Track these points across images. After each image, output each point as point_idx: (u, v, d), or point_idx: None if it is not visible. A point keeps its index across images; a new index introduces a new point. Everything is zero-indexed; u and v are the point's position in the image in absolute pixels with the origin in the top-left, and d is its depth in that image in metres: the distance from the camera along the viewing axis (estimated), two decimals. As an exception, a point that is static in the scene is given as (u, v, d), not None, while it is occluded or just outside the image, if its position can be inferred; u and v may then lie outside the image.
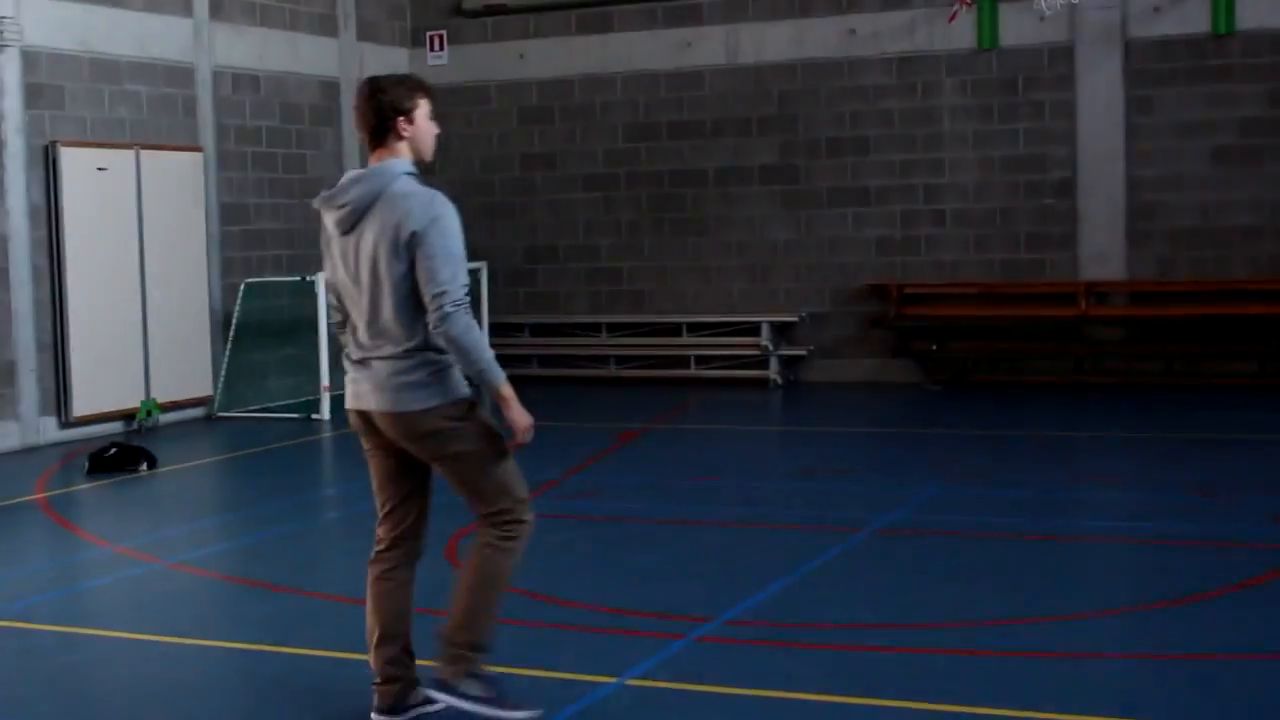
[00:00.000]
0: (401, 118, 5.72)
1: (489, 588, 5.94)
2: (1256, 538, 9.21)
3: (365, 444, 6.02)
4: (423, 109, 5.79)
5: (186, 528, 10.67)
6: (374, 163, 5.77)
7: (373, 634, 6.02)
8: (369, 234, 5.67)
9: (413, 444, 5.84)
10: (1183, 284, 16.69)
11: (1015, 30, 17.16)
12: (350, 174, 5.79)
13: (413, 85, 5.82)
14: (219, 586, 8.87)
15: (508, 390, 5.80)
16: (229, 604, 8.55)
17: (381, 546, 6.09)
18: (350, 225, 5.73)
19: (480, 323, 18.53)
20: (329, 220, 5.84)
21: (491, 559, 5.93)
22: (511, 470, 5.96)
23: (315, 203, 5.89)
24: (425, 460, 5.91)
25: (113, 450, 12.94)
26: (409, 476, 6.00)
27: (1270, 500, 10.40)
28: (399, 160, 5.74)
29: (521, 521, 5.95)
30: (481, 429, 5.87)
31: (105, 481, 12.46)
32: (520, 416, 5.82)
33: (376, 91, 5.73)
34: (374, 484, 6.09)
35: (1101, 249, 17.01)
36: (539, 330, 19.31)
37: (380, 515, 6.11)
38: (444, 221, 5.65)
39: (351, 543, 10.20)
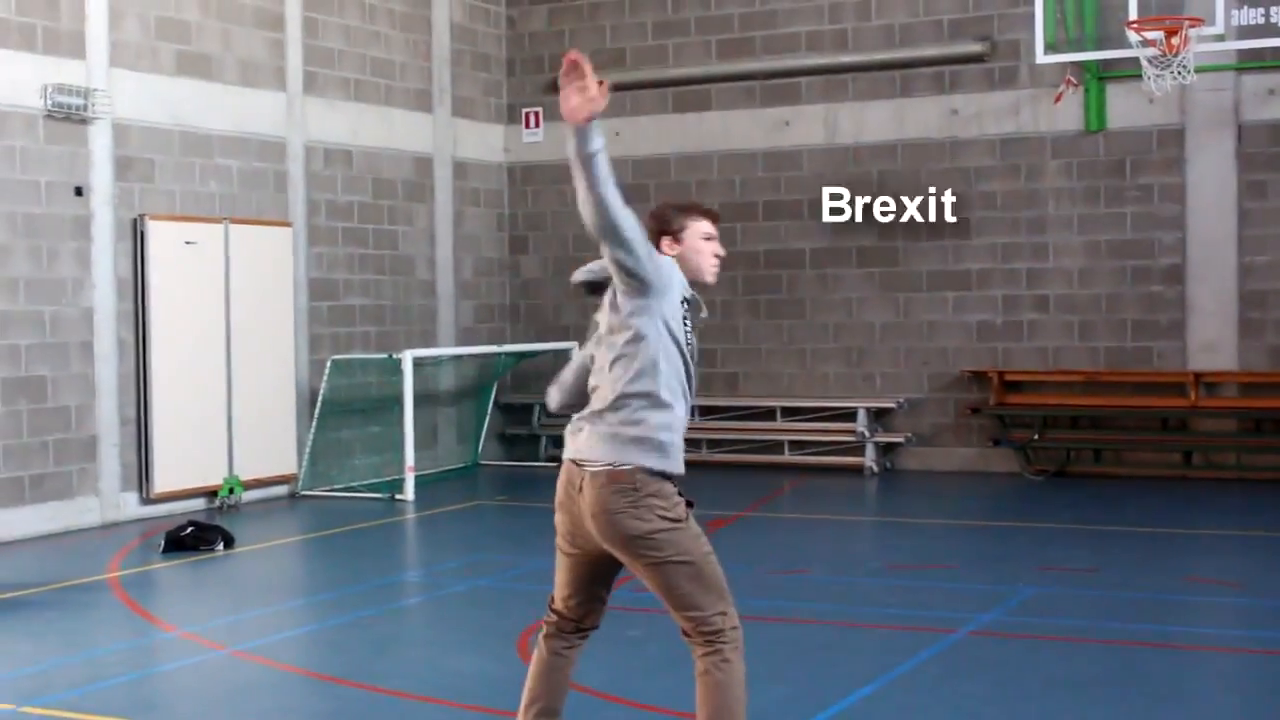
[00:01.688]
0: (668, 237, 5.74)
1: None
2: (1380, 650, 8.65)
3: None
4: (692, 229, 5.77)
5: (257, 612, 10.37)
6: None
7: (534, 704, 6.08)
8: None
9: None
10: (1297, 375, 16.09)
11: (1123, 112, 16.70)
12: None
13: (684, 207, 5.86)
14: (281, 677, 8.52)
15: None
16: (288, 697, 8.19)
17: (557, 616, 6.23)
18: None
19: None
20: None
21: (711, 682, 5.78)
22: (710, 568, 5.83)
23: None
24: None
25: (190, 529, 12.71)
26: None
27: (1394, 608, 9.82)
28: None
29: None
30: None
31: (180, 561, 12.22)
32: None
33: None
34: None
35: (1212, 338, 16.43)
36: (630, 412, 18.92)
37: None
38: None
39: (426, 632, 9.90)
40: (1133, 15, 14.70)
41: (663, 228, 5.76)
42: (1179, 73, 14.51)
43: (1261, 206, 16.24)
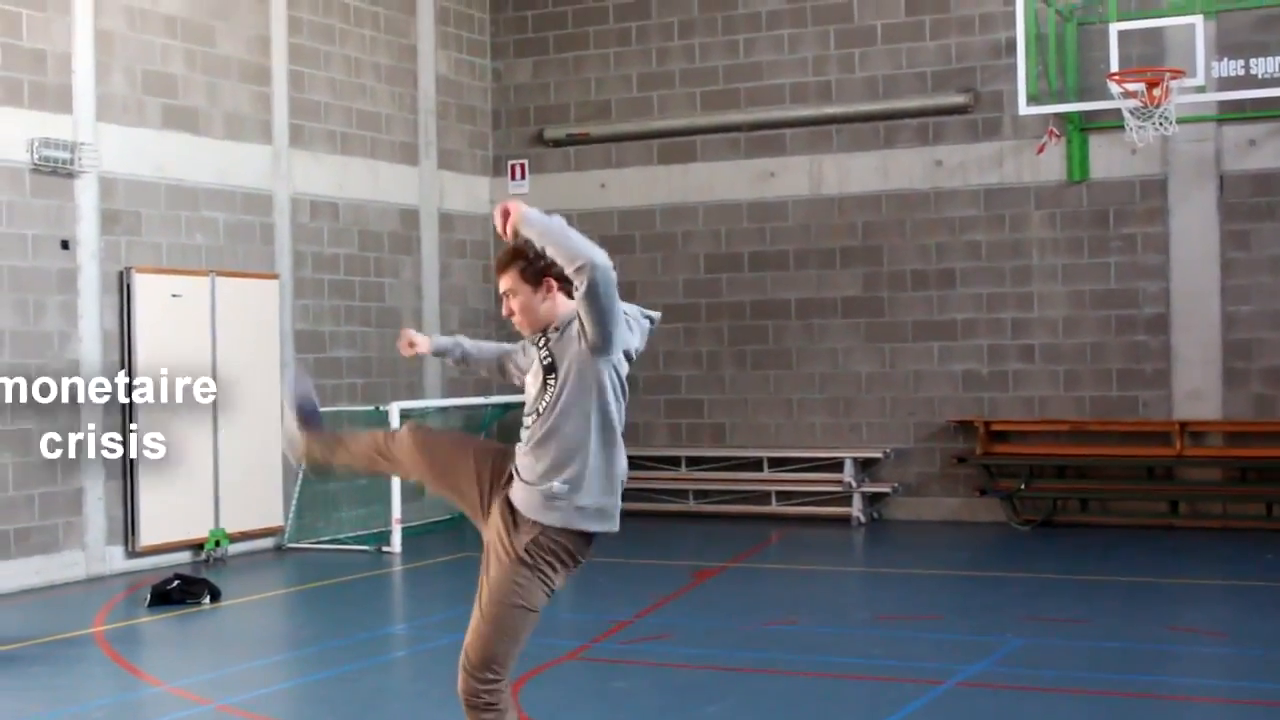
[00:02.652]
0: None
1: None
2: (1368, 699, 8.65)
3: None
4: None
5: (243, 666, 10.33)
6: None
7: None
8: None
9: None
10: (1282, 424, 16.13)
11: (1105, 163, 16.79)
12: None
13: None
14: (268, 732, 8.50)
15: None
16: (276, 752, 8.18)
17: None
18: None
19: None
20: None
21: None
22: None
23: None
24: None
25: (175, 582, 12.66)
26: None
27: (1380, 657, 9.82)
28: None
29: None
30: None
31: (166, 615, 12.17)
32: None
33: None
34: None
35: (1196, 387, 16.48)
36: (616, 463, 18.92)
37: None
38: None
39: (412, 686, 9.86)
40: (1114, 67, 14.82)
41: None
42: (1161, 124, 14.61)
43: (1244, 256, 16.32)
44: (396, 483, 15.66)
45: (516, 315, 5.89)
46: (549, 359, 5.76)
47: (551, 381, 5.73)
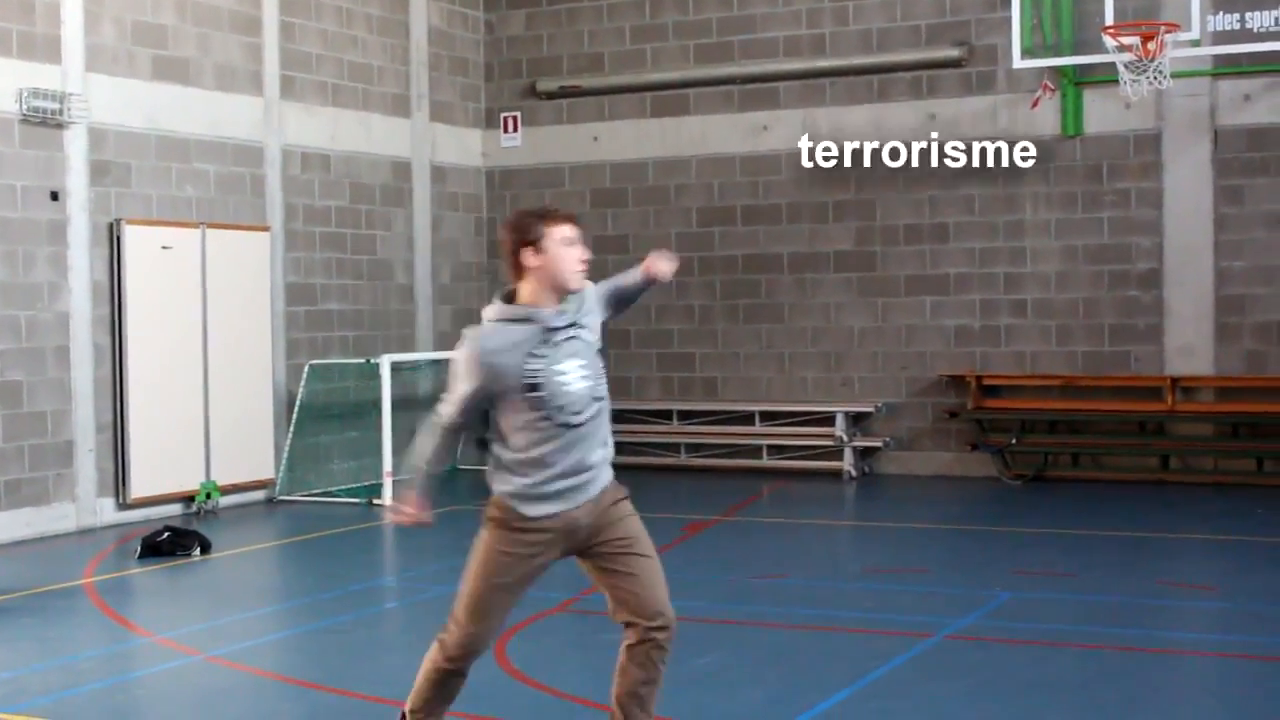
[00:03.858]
0: (528, 248, 5.78)
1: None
2: (1355, 653, 8.66)
3: None
4: (551, 237, 5.77)
5: (232, 617, 10.33)
6: None
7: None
8: None
9: None
10: (1273, 379, 16.11)
11: (1100, 117, 16.74)
12: None
13: (542, 214, 5.85)
14: (256, 683, 8.48)
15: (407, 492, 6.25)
16: (263, 703, 8.17)
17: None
18: None
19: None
20: None
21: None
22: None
23: None
24: None
25: (165, 534, 12.66)
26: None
27: (1368, 612, 9.84)
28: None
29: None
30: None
31: (157, 566, 12.17)
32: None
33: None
34: None
35: (1189, 342, 16.47)
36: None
37: None
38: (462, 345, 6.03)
39: (402, 637, 9.87)
40: (1109, 20, 14.74)
41: (522, 238, 5.76)
42: (1155, 78, 14.54)
43: (1237, 212, 16.29)
44: (388, 435, 15.66)
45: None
46: (593, 338, 5.98)
47: (602, 365, 5.98)
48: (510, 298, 5.87)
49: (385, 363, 15.85)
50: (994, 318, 17.23)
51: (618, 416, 18.80)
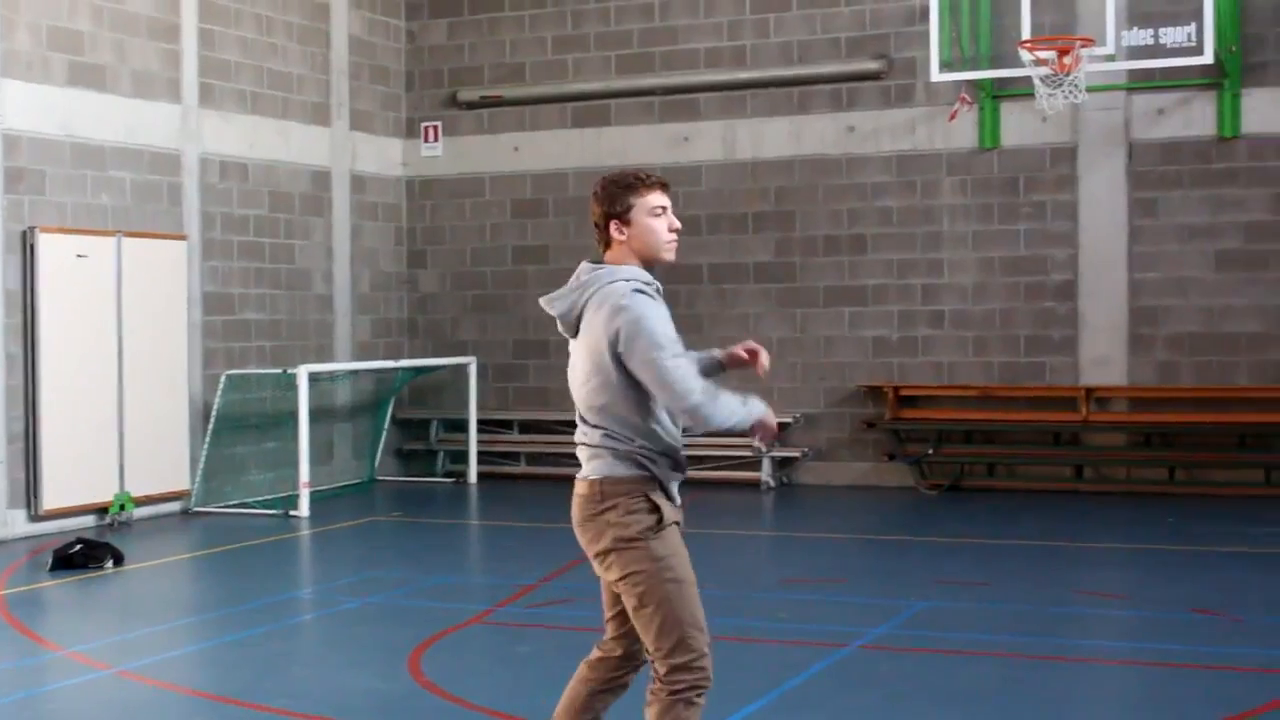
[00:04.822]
0: (615, 221, 5.41)
1: None
2: (1259, 661, 8.77)
3: None
4: (640, 207, 5.40)
5: (145, 631, 10.23)
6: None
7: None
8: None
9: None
10: (1185, 390, 16.31)
11: (1017, 130, 16.90)
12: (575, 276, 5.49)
13: (628, 183, 5.44)
14: (167, 697, 8.39)
15: (754, 411, 5.43)
16: (173, 717, 8.09)
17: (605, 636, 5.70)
18: (571, 332, 5.53)
19: (467, 418, 18.23)
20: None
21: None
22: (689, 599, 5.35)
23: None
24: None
25: (78, 546, 12.52)
26: None
27: (1273, 620, 9.98)
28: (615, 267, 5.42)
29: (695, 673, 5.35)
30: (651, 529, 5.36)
31: (68, 579, 12.04)
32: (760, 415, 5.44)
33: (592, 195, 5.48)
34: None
35: (1103, 353, 16.65)
36: (528, 427, 18.95)
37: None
38: (640, 313, 5.30)
39: (316, 650, 9.82)
40: (1025, 35, 14.88)
41: (609, 211, 5.39)
42: (1070, 92, 14.69)
43: (1151, 224, 16.48)
44: (304, 446, 15.57)
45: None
46: None
47: None
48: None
49: (302, 373, 15.75)
50: (911, 329, 17.35)
51: (537, 427, 18.89)
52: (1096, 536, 14.14)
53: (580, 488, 5.45)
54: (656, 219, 5.43)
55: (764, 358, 5.83)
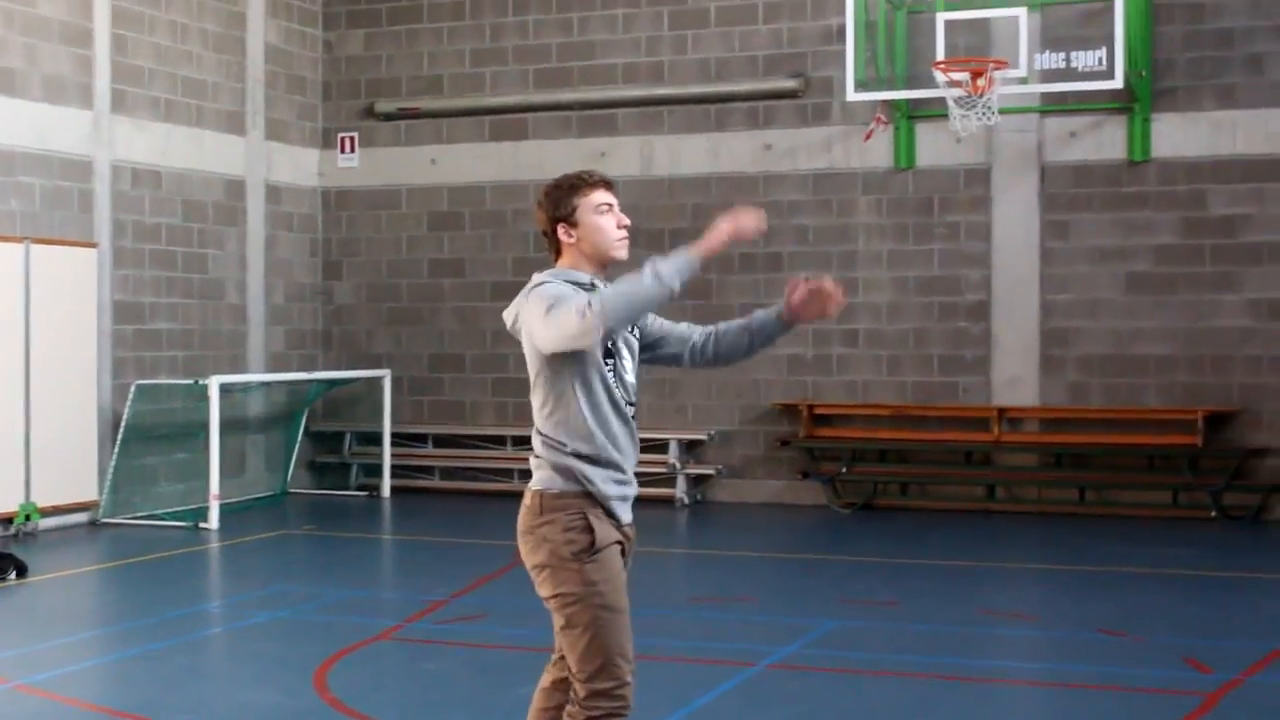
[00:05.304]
0: (562, 224, 5.32)
1: None
2: (1164, 683, 8.85)
3: None
4: (584, 207, 5.31)
5: (45, 644, 10.07)
6: None
7: None
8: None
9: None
10: (1095, 411, 16.47)
11: (932, 150, 17.01)
12: None
13: (571, 184, 5.35)
14: (64, 713, 8.26)
15: (693, 253, 5.14)
16: (73, 733, 7.99)
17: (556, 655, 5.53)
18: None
19: (382, 431, 18.11)
20: None
21: None
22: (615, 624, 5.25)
23: None
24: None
25: (-20, 557, 12.33)
26: None
27: (1181, 640, 10.06)
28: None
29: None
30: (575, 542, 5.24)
31: (-31, 590, 11.85)
32: (723, 229, 5.19)
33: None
34: None
35: (1015, 374, 16.78)
36: (442, 441, 18.84)
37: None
38: (533, 291, 5.21)
39: (221, 665, 9.71)
40: (940, 56, 15.01)
41: (554, 215, 5.31)
42: (984, 114, 14.82)
43: (1063, 246, 16.64)
44: (215, 457, 15.42)
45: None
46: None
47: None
48: None
49: (214, 384, 15.59)
50: (826, 347, 17.41)
51: (451, 441, 18.80)
52: (1007, 556, 14.23)
53: (525, 497, 5.39)
54: (603, 216, 5.33)
55: (831, 286, 5.52)
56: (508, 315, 5.42)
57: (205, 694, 8.64)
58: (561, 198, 5.31)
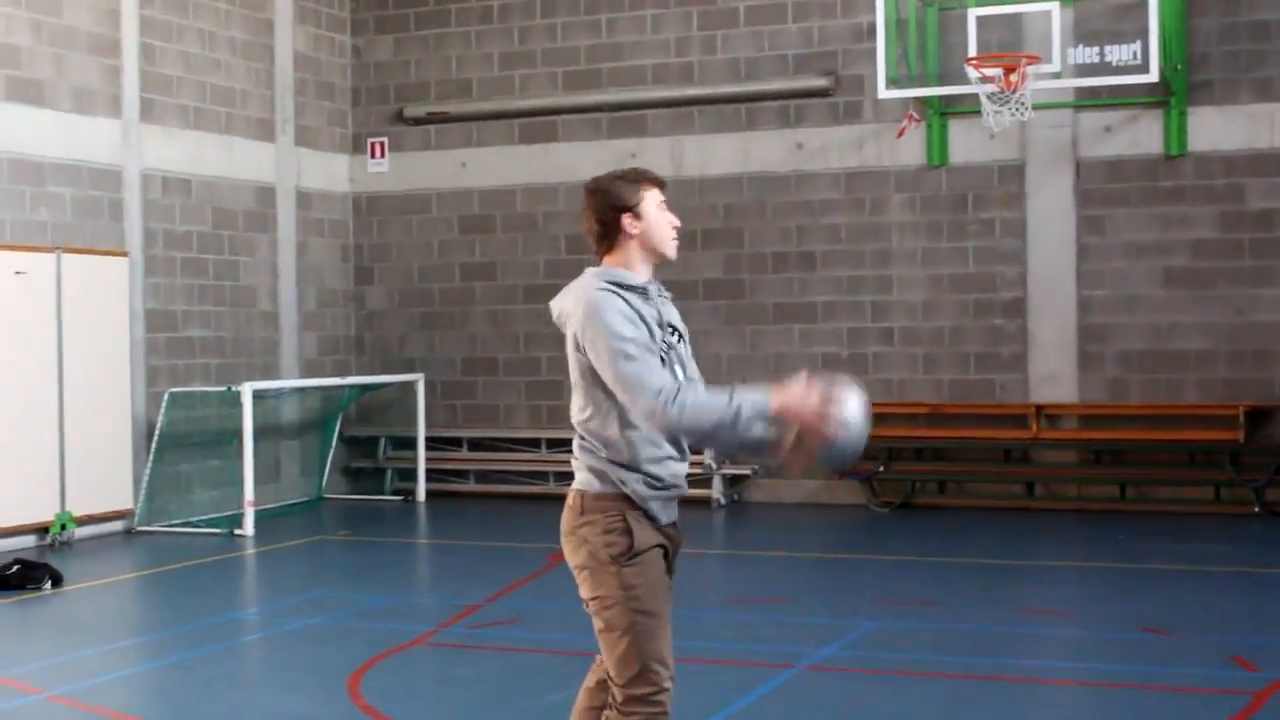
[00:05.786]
0: (628, 214, 5.25)
1: None
2: (1209, 682, 8.71)
3: None
4: (649, 201, 5.29)
5: (80, 654, 10.02)
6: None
7: None
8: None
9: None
10: (1135, 407, 16.31)
11: (965, 147, 16.88)
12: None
13: (634, 178, 5.33)
14: (99, 722, 8.24)
15: (774, 406, 4.91)
16: (107, 742, 7.94)
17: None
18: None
19: (416, 435, 18.07)
20: None
21: None
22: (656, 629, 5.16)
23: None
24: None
25: (15, 567, 12.31)
26: None
27: (1223, 639, 9.91)
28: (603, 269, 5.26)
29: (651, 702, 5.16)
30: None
31: (4, 600, 11.81)
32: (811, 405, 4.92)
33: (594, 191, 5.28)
34: None
35: (1052, 370, 16.63)
36: (476, 445, 18.78)
37: None
38: (599, 310, 5.06)
39: (256, 672, 9.67)
40: (972, 52, 14.87)
41: (620, 205, 5.25)
42: (1017, 109, 14.69)
43: (1099, 241, 16.48)
44: (249, 463, 15.39)
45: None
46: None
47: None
48: None
49: (247, 390, 15.56)
50: (861, 346, 17.30)
51: (486, 444, 18.75)
52: (1047, 554, 14.09)
53: (569, 497, 5.31)
54: (663, 212, 5.34)
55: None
56: (555, 306, 5.31)
57: (238, 702, 8.58)
58: (627, 187, 5.27)
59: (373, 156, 19.33)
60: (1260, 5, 16.01)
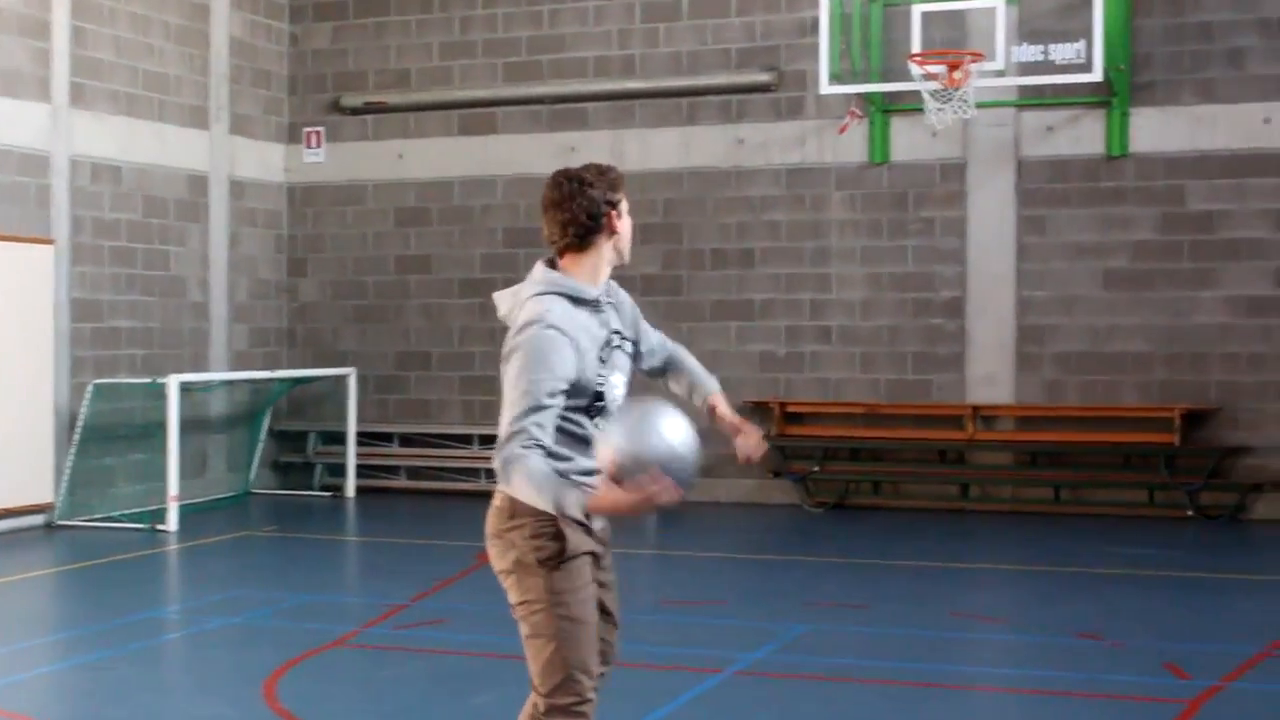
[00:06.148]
0: (614, 211, 5.07)
1: None
2: (1143, 690, 8.59)
3: None
4: (624, 200, 5.12)
5: (-10, 652, 9.75)
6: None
7: None
8: None
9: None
10: (1071, 409, 16.22)
11: (907, 145, 16.75)
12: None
13: (608, 177, 5.10)
14: (2, 725, 7.97)
15: (592, 504, 4.79)
16: (9, 746, 7.67)
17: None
18: None
19: (346, 430, 17.79)
20: None
21: None
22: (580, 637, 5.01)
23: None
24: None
25: (-72, 561, 12.00)
26: None
27: (1157, 645, 9.80)
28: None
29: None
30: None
31: (-84, 595, 11.52)
32: (621, 498, 4.74)
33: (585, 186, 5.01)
34: None
35: (990, 371, 16.52)
36: (408, 440, 18.52)
37: None
38: (534, 338, 4.88)
39: (169, 674, 9.41)
40: (916, 49, 14.76)
41: (614, 201, 5.05)
42: (960, 107, 14.59)
43: (1039, 242, 16.39)
44: (173, 457, 15.09)
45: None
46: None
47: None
48: (553, 266, 5.10)
49: (172, 383, 15.26)
50: (799, 344, 17.15)
51: (418, 440, 18.50)
52: (980, 557, 13.99)
53: (495, 498, 5.11)
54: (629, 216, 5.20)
55: (748, 445, 5.32)
56: (502, 305, 5.13)
57: (148, 706, 8.31)
58: (617, 184, 5.10)
59: (308, 146, 19.03)
60: (1204, 7, 15.94)
